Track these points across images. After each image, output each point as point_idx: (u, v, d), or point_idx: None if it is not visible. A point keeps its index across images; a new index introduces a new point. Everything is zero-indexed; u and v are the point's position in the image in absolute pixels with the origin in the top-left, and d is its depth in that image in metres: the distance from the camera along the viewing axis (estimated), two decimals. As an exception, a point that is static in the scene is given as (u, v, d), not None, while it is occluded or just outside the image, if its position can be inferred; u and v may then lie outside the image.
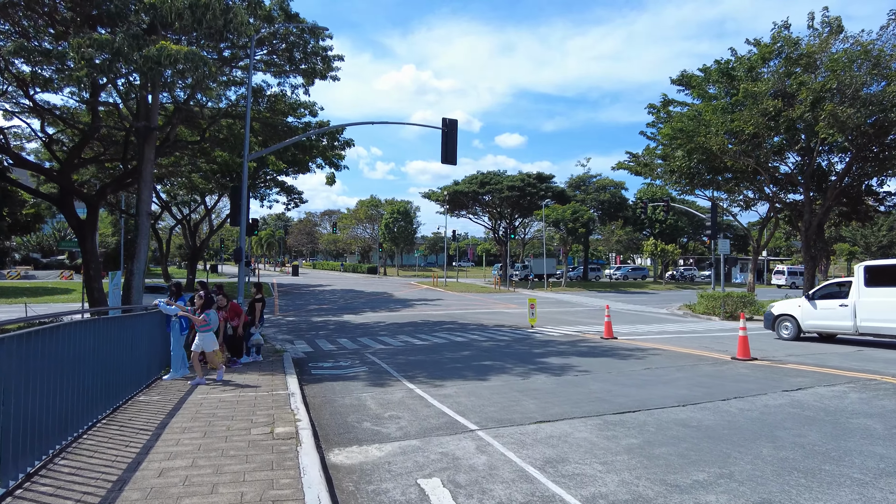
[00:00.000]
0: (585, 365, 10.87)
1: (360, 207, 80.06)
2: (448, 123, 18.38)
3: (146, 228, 16.17)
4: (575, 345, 14.08)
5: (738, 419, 6.65)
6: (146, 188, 16.15)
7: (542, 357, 11.95)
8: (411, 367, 10.79)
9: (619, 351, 12.81)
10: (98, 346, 6.07)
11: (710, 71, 27.80)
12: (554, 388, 8.64)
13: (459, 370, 10.43)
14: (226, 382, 8.70)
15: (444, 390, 8.57)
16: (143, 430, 5.83)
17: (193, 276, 39.11)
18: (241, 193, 16.72)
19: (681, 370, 10.27)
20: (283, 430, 5.68)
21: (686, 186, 31.62)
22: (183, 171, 27.92)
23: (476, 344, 14.39)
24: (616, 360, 11.54)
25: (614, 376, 9.67)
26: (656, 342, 14.53)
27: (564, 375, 9.79)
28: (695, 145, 26.25)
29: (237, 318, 10.49)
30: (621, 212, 58.91)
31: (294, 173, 38.72)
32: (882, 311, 12.69)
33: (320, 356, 12.56)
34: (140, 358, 8.12)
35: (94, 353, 5.97)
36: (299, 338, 16.55)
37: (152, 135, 15.86)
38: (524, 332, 16.99)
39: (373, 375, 9.98)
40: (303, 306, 28.75)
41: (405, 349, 13.57)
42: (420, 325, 19.56)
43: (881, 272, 12.96)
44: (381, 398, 8.06)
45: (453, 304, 30.49)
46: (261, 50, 19.84)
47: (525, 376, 9.72)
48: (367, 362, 11.52)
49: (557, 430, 6.20)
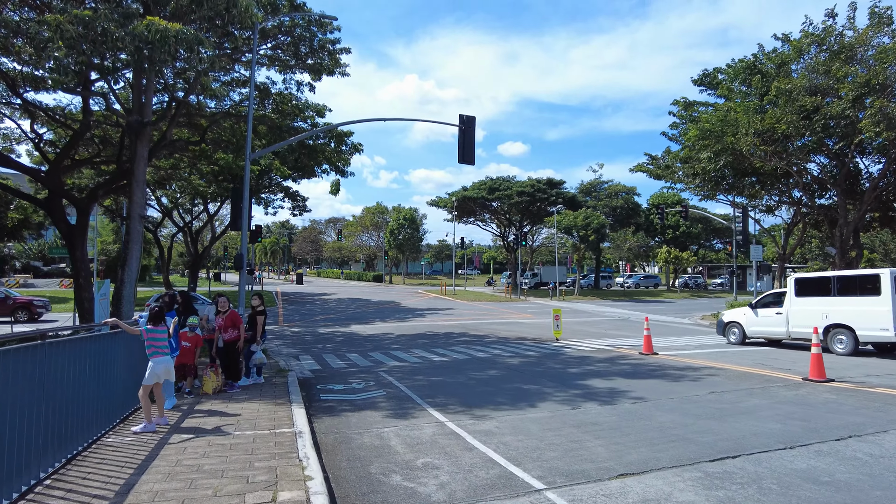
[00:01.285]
0: (637, 388, 9.37)
1: (366, 214, 78.88)
2: (465, 120, 17.03)
3: (138, 233, 14.79)
4: (614, 362, 12.56)
5: (876, 470, 5.15)
6: (139, 189, 14.79)
7: (583, 378, 10.45)
8: (435, 391, 9.31)
9: (669, 370, 11.29)
10: (45, 376, 4.64)
11: (735, 69, 26.40)
12: (616, 422, 7.15)
13: (491, 395, 8.95)
14: (221, 414, 7.25)
15: (483, 424, 7.09)
16: (99, 496, 4.36)
17: (195, 284, 37.78)
18: (242, 195, 15.36)
19: (753, 394, 8.76)
20: (290, 497, 4.21)
21: (709, 190, 30.08)
22: (182, 175, 26.60)
23: (502, 361, 12.89)
24: (669, 382, 10.03)
25: (678, 403, 8.17)
26: (702, 358, 13.00)
27: (619, 403, 8.30)
28: (722, 147, 24.79)
29: (234, 330, 9.04)
30: (633, 218, 57.31)
31: (299, 177, 37.53)
32: (807, 319, 13.77)
33: (329, 376, 11.10)
34: (114, 387, 6.68)
35: (40, 388, 4.55)
36: (305, 352, 15.10)
37: (146, 131, 14.52)
38: (551, 347, 15.48)
39: (392, 402, 8.50)
40: (308, 316, 27.32)
41: (423, 367, 12.09)
42: (434, 338, 18.08)
43: (808, 284, 14.29)
44: (408, 436, 6.59)
45: (465, 314, 29.01)
46: (265, 45, 18.58)
47: (572, 404, 8.23)
48: (383, 383, 10.05)
49: (651, 489, 4.71)
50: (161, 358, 6.71)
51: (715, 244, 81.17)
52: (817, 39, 22.39)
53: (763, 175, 27.29)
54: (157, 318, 6.80)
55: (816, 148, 24.39)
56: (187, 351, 8.61)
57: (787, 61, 23.97)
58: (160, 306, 7.03)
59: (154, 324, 6.74)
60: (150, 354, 6.64)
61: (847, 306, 13.17)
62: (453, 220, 54.62)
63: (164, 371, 6.73)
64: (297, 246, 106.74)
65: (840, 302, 13.35)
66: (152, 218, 51.19)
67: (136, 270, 14.82)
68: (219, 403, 7.90)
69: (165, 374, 6.78)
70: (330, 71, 18.93)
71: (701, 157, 27.10)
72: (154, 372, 6.62)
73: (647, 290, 57.46)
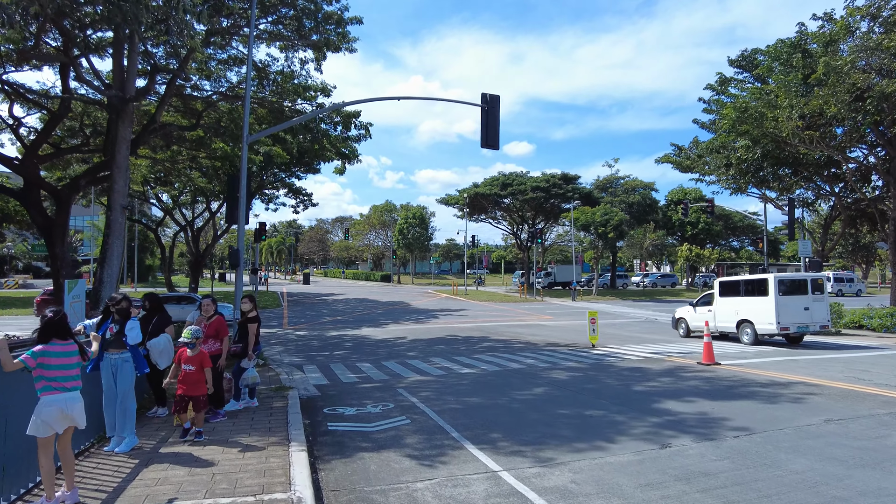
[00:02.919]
0: (731, 414, 7.39)
1: (374, 213, 77.10)
2: (488, 100, 15.16)
3: (120, 226, 12.96)
4: (678, 376, 10.56)
5: None
6: (121, 176, 12.95)
7: (655, 399, 8.46)
8: (473, 418, 7.37)
9: (752, 387, 9.28)
10: None
11: (775, 49, 24.25)
12: (733, 472, 5.18)
13: (549, 425, 7.01)
14: (191, 464, 5.34)
15: (552, 475, 5.15)
16: None
17: (196, 284, 36.07)
18: (239, 184, 13.50)
19: (886, 424, 6.77)
20: None
21: (744, 182, 27.93)
22: (181, 168, 24.82)
23: (543, 374, 10.92)
24: (764, 404, 8.04)
25: (799, 438, 6.19)
26: (773, 369, 10.97)
27: (720, 437, 6.33)
28: (762, 132, 22.67)
29: (216, 342, 7.12)
30: (650, 215, 55.05)
31: (304, 172, 35.71)
32: (725, 315, 16.06)
33: (339, 394, 9.20)
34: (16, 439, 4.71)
35: None
36: (310, 360, 13.22)
37: (127, 108, 12.67)
38: (592, 356, 13.50)
39: (421, 436, 6.57)
40: (315, 318, 25.46)
41: (450, 382, 10.16)
42: (453, 344, 16.15)
43: (726, 286, 16.45)
44: (451, 495, 4.66)
45: (480, 315, 27.06)
46: (265, 19, 16.74)
47: (659, 439, 6.27)
48: (405, 406, 8.13)
49: None
50: (55, 396, 4.18)
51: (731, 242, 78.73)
52: (869, 14, 20.29)
53: (803, 165, 25.17)
54: (52, 332, 4.31)
55: (868, 132, 22.27)
56: (191, 377, 6.06)
57: (836, 39, 21.85)
58: (58, 314, 4.44)
59: (46, 340, 4.26)
60: (38, 390, 4.22)
61: (749, 305, 15.35)
62: (464, 217, 52.64)
63: (59, 416, 4.18)
64: (303, 245, 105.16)
65: (746, 301, 15.50)
66: (154, 216, 49.74)
67: (118, 268, 13.00)
68: (192, 443, 5.99)
69: (63, 421, 4.22)
70: (336, 47, 17.07)
71: (737, 146, 25.04)
72: (40, 418, 4.11)
73: (666, 290, 55.24)
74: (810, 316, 14.69)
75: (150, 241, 59.53)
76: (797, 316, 14.53)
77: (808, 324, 14.69)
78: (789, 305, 14.50)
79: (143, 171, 25.39)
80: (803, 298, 14.79)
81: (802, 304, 14.70)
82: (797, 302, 14.66)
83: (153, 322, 7.04)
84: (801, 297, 14.80)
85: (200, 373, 6.13)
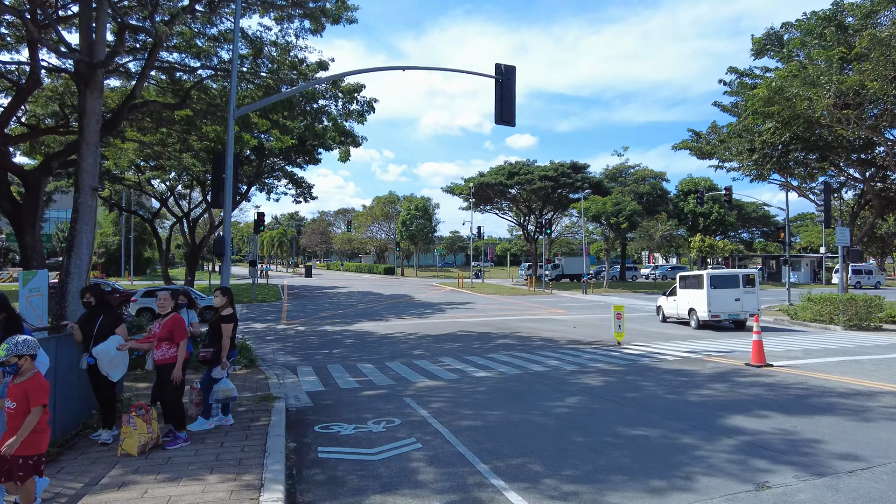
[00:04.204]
0: (819, 434, 5.90)
1: (377, 204, 75.56)
2: (503, 71, 13.67)
3: (90, 209, 11.45)
4: (731, 381, 9.05)
5: None
6: (90, 154, 11.42)
7: (716, 413, 6.97)
8: (499, 442, 5.89)
9: (830, 398, 7.77)
10: None
11: (807, 24, 22.50)
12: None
13: (597, 452, 5.53)
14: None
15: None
16: None
17: (193, 277, 34.73)
18: (225, 162, 12.01)
19: None
20: None
21: (770, 167, 26.25)
22: (171, 152, 23.31)
23: (572, 379, 9.43)
24: (853, 420, 6.54)
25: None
26: (839, 372, 9.46)
27: (831, 473, 4.84)
28: (793, 113, 20.98)
29: (171, 346, 5.61)
30: (661, 205, 53.34)
31: (305, 162, 34.24)
32: (683, 304, 18.27)
33: (335, 404, 7.74)
34: None
35: None
36: (306, 360, 11.79)
37: (96, 76, 11.14)
38: (623, 355, 12.01)
39: (437, 470, 5.10)
40: (315, 312, 24.04)
41: (464, 388, 8.69)
42: (464, 340, 14.69)
43: (684, 279, 18.69)
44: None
45: (488, 309, 25.59)
46: (257, -15, 15.20)
47: (749, 476, 4.78)
48: (415, 423, 6.66)
49: None
50: None
51: (741, 233, 76.94)
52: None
53: (833, 149, 23.50)
54: None
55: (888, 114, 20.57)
56: (11, 420, 3.70)
57: (878, 10, 20.15)
58: None
59: None
60: None
61: (693, 296, 17.76)
62: (470, 207, 51.03)
63: None
64: (305, 238, 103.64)
65: (692, 293, 17.88)
66: (152, 207, 48.37)
67: (88, 258, 11.50)
68: (133, 484, 4.51)
69: None
70: (335, 18, 15.57)
71: (763, 129, 23.38)
72: None
73: (678, 282, 53.66)
74: (741, 306, 16.85)
75: (147, 234, 58.17)
76: (728, 305, 16.86)
77: (739, 312, 16.89)
78: (720, 297, 16.87)
79: (129, 156, 23.86)
80: (734, 291, 16.95)
81: (733, 295, 16.91)
82: (728, 294, 16.92)
83: (98, 322, 5.58)
84: (732, 290, 16.96)
85: (22, 415, 3.62)
